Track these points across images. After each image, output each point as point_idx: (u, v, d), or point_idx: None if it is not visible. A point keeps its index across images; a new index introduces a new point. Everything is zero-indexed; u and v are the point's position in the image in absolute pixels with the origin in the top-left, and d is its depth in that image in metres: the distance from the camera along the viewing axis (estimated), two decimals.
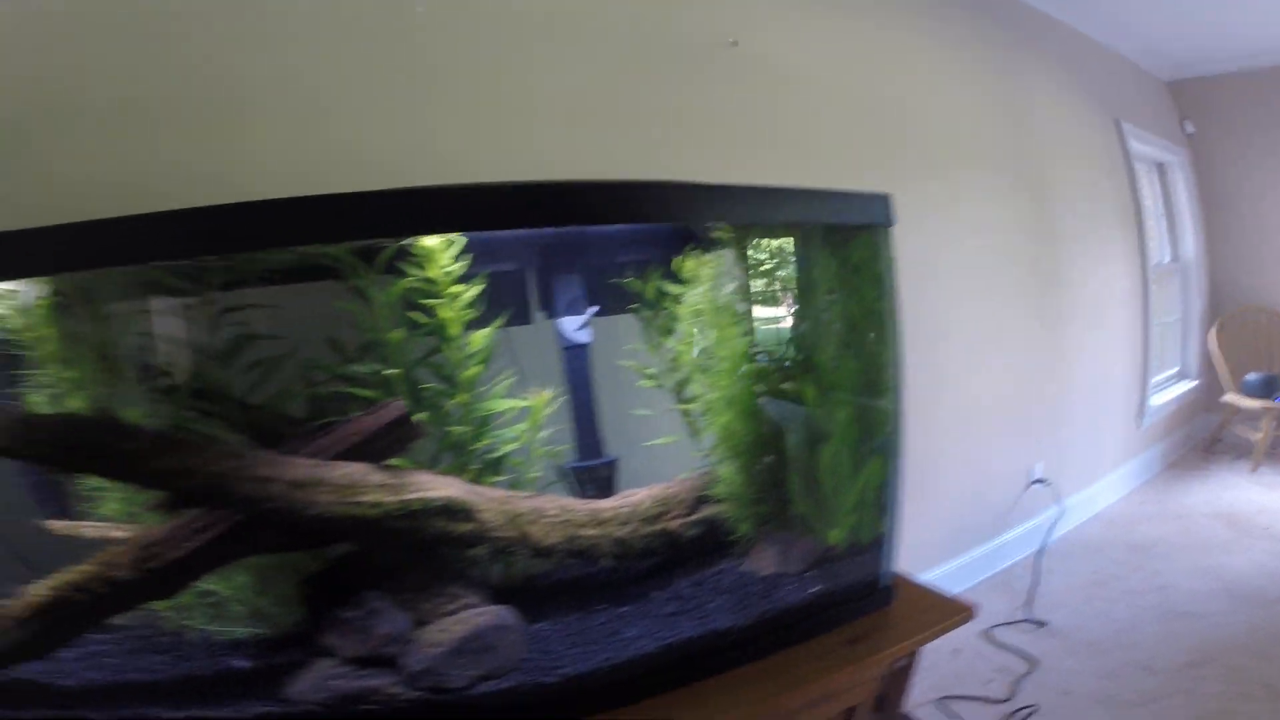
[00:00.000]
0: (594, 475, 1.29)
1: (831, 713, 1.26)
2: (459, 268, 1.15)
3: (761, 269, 1.29)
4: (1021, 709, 1.98)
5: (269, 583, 1.17)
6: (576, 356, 1.26)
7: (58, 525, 1.15)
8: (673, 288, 1.27)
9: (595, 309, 1.25)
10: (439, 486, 1.09)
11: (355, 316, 1.11)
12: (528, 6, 1.63)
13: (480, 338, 1.18)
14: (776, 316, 1.30)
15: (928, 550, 2.57)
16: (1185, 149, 4.34)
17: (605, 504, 1.23)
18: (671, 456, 1.34)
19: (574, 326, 1.23)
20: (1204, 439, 4.26)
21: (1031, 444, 3.02)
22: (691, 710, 1.08)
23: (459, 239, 1.13)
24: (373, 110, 1.41)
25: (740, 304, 1.25)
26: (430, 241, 1.11)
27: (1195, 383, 4.38)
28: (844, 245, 1.28)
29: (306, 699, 1.01)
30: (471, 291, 1.15)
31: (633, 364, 1.33)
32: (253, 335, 1.03)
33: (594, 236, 1.26)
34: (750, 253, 1.29)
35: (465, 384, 1.19)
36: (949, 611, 1.30)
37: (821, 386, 1.25)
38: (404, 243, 1.11)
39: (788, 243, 1.33)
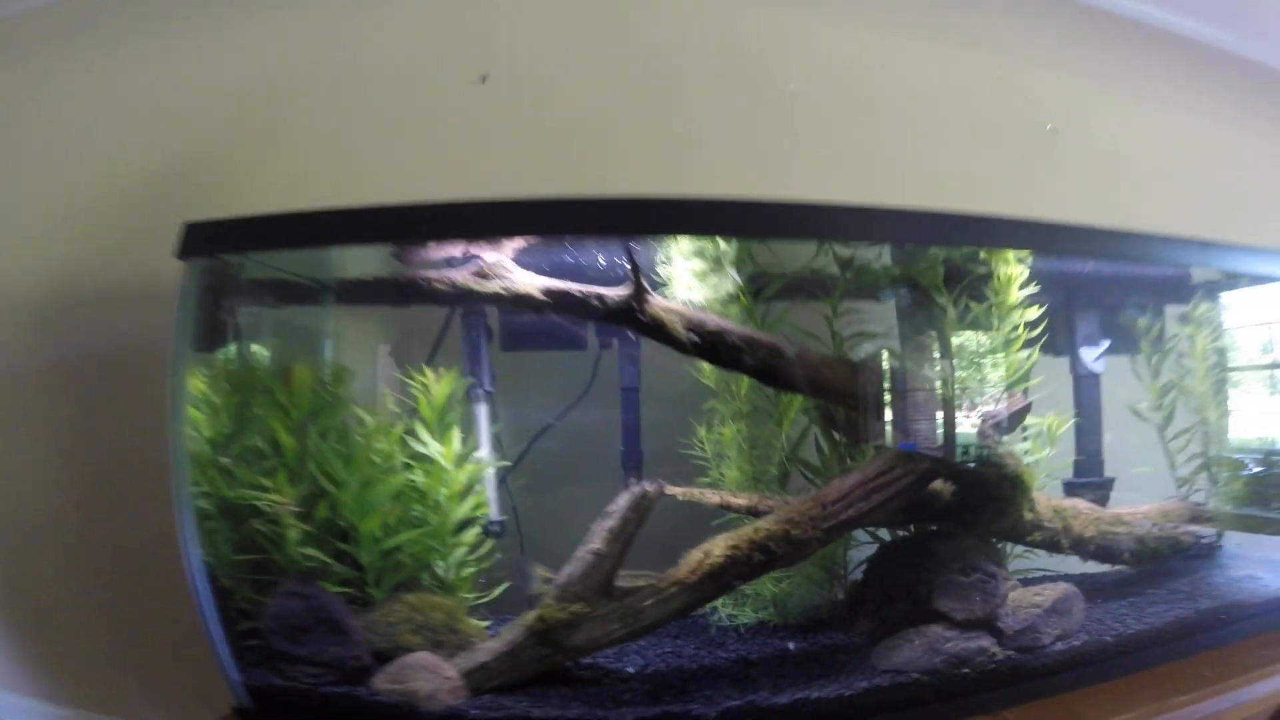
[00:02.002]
0: (1092, 491, 1.47)
1: None
2: (1021, 296, 1.38)
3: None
4: None
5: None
6: (1089, 384, 1.47)
7: (677, 491, 1.36)
8: (1183, 329, 1.48)
9: (1108, 343, 1.45)
10: None
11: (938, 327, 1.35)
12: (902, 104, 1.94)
13: (1027, 356, 1.39)
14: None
15: None
16: None
17: (1123, 509, 1.41)
18: (1147, 483, 1.52)
19: (1091, 358, 1.44)
20: None
21: None
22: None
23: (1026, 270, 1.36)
24: None
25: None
26: (1012, 269, 1.35)
27: None
28: None
29: (916, 666, 1.14)
30: (1030, 314, 1.37)
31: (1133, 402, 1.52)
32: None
33: (1110, 279, 1.48)
34: None
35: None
36: None
37: None
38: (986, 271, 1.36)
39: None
